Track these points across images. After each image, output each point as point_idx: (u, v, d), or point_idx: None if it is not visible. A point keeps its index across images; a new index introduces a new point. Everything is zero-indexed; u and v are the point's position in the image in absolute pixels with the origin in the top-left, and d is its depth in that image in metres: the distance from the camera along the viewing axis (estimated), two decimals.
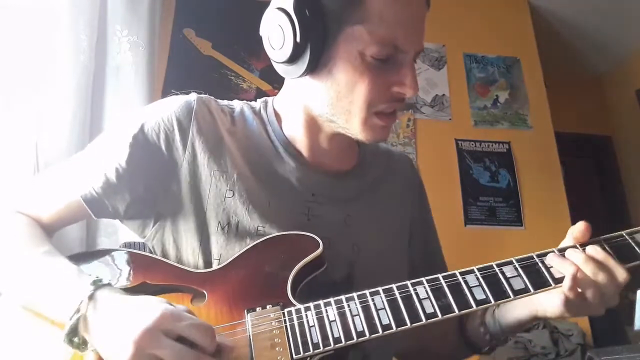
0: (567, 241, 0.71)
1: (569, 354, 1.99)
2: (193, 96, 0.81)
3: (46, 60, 1.25)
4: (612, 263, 0.65)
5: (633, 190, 3.47)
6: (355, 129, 0.75)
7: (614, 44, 3.37)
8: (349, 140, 0.83)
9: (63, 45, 1.29)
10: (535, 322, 2.08)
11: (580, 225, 0.70)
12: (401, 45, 0.69)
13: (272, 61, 0.76)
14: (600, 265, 0.65)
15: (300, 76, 0.73)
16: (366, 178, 0.88)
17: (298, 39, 0.68)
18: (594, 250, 0.66)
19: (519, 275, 0.65)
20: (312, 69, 0.71)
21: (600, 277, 0.64)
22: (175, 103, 0.79)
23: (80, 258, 0.76)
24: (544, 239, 2.49)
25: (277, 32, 0.71)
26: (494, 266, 0.67)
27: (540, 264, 0.66)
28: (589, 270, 0.64)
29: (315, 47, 0.69)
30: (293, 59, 0.71)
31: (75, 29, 1.32)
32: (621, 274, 0.64)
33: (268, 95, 0.94)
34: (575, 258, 0.66)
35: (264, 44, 0.75)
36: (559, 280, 0.64)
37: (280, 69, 0.76)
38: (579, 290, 0.65)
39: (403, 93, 0.71)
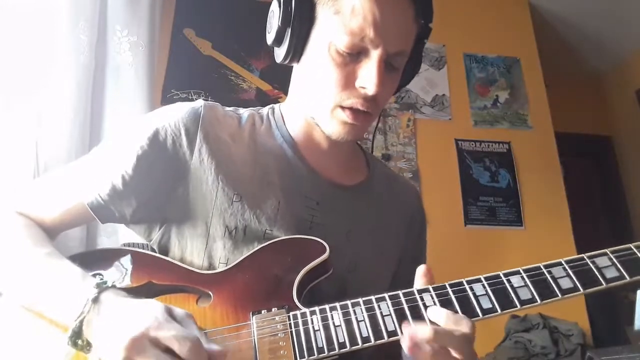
0: (417, 282, 0.67)
1: (569, 354, 2.00)
2: (200, 102, 0.81)
3: (46, 60, 1.25)
4: (455, 318, 0.60)
5: (633, 190, 3.47)
6: (323, 120, 0.77)
7: (613, 44, 3.37)
8: (350, 149, 0.85)
9: (63, 45, 1.29)
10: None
11: (421, 270, 0.66)
12: (370, 41, 0.70)
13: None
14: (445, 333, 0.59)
15: (285, 60, 0.78)
16: (372, 197, 0.88)
17: (280, 23, 0.74)
18: (436, 315, 0.61)
19: (526, 285, 0.64)
20: (294, 55, 0.76)
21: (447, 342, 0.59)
22: (182, 109, 0.80)
23: (86, 257, 0.76)
24: (544, 239, 2.52)
25: (270, 17, 0.78)
26: (501, 275, 0.65)
27: (547, 274, 0.64)
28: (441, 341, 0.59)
29: (295, 31, 0.74)
30: (278, 42, 0.77)
31: (75, 29, 1.32)
32: (466, 325, 0.60)
33: (268, 96, 0.95)
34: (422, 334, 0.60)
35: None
36: (566, 292, 0.63)
37: (275, 53, 0.81)
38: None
39: (365, 88, 0.71)
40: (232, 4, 2.58)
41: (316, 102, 0.77)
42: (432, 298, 0.64)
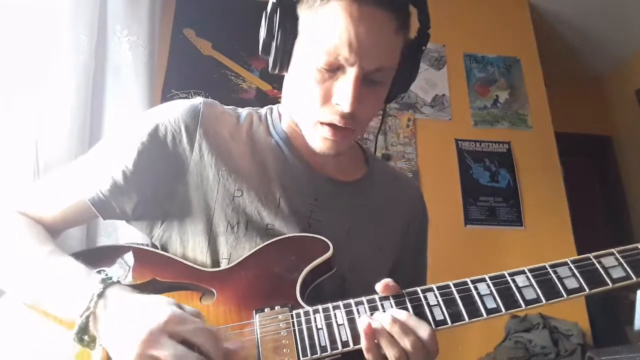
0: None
1: (569, 354, 2.00)
2: (199, 99, 0.82)
3: (46, 60, 1.25)
4: (413, 323, 0.61)
5: (633, 190, 3.47)
6: (306, 134, 0.78)
7: (614, 45, 3.37)
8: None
9: (63, 45, 1.29)
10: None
11: (379, 286, 0.65)
12: (345, 59, 0.69)
13: None
14: (403, 327, 0.60)
15: (274, 70, 0.78)
16: (371, 195, 0.88)
17: (265, 36, 0.76)
18: (396, 312, 0.62)
19: (531, 285, 0.63)
20: (281, 66, 0.76)
21: (405, 341, 0.59)
22: (182, 106, 0.80)
23: (88, 255, 0.76)
24: (544, 239, 2.52)
25: (260, 28, 0.79)
26: (506, 275, 0.65)
27: (552, 274, 0.64)
28: (394, 333, 0.60)
29: (279, 44, 0.74)
30: (265, 53, 0.78)
31: (75, 29, 1.32)
32: (424, 330, 0.60)
33: (268, 96, 0.96)
34: (382, 320, 0.61)
35: None
36: (571, 292, 0.62)
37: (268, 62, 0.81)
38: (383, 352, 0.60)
39: (339, 105, 0.71)
40: (232, 4, 2.58)
41: (300, 114, 0.78)
42: (436, 297, 0.64)
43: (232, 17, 2.55)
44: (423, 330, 0.60)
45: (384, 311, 0.64)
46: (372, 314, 0.63)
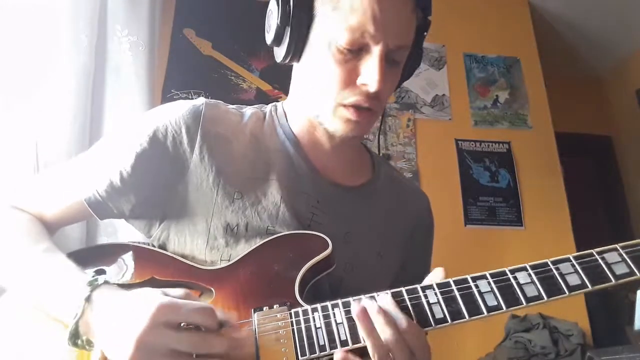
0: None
1: (569, 354, 1.99)
2: (201, 100, 0.81)
3: (46, 60, 1.25)
4: (394, 312, 0.60)
5: (633, 190, 3.46)
6: (326, 119, 0.76)
7: (614, 44, 3.37)
8: (354, 149, 0.84)
9: (63, 45, 1.29)
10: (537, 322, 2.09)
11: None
12: (370, 37, 0.68)
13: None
14: (387, 317, 0.60)
15: (285, 59, 0.77)
16: (374, 199, 0.87)
17: (279, 21, 0.73)
18: (383, 299, 0.62)
19: (533, 282, 0.62)
20: (294, 54, 0.75)
21: (386, 332, 0.59)
22: (183, 107, 0.79)
23: (90, 252, 0.76)
24: (544, 239, 2.52)
25: (269, 16, 0.78)
26: (507, 272, 0.64)
27: (554, 270, 0.63)
28: (377, 321, 0.60)
29: (294, 29, 0.73)
30: (277, 41, 0.76)
31: (75, 29, 1.32)
32: (401, 321, 0.59)
33: (268, 96, 0.95)
34: (370, 308, 0.61)
35: None
36: (573, 289, 0.61)
37: (275, 53, 0.80)
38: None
39: (367, 85, 0.70)
40: (232, 4, 2.58)
41: (318, 100, 0.76)
42: (436, 295, 0.63)
43: (232, 17, 2.55)
44: (400, 321, 0.59)
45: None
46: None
